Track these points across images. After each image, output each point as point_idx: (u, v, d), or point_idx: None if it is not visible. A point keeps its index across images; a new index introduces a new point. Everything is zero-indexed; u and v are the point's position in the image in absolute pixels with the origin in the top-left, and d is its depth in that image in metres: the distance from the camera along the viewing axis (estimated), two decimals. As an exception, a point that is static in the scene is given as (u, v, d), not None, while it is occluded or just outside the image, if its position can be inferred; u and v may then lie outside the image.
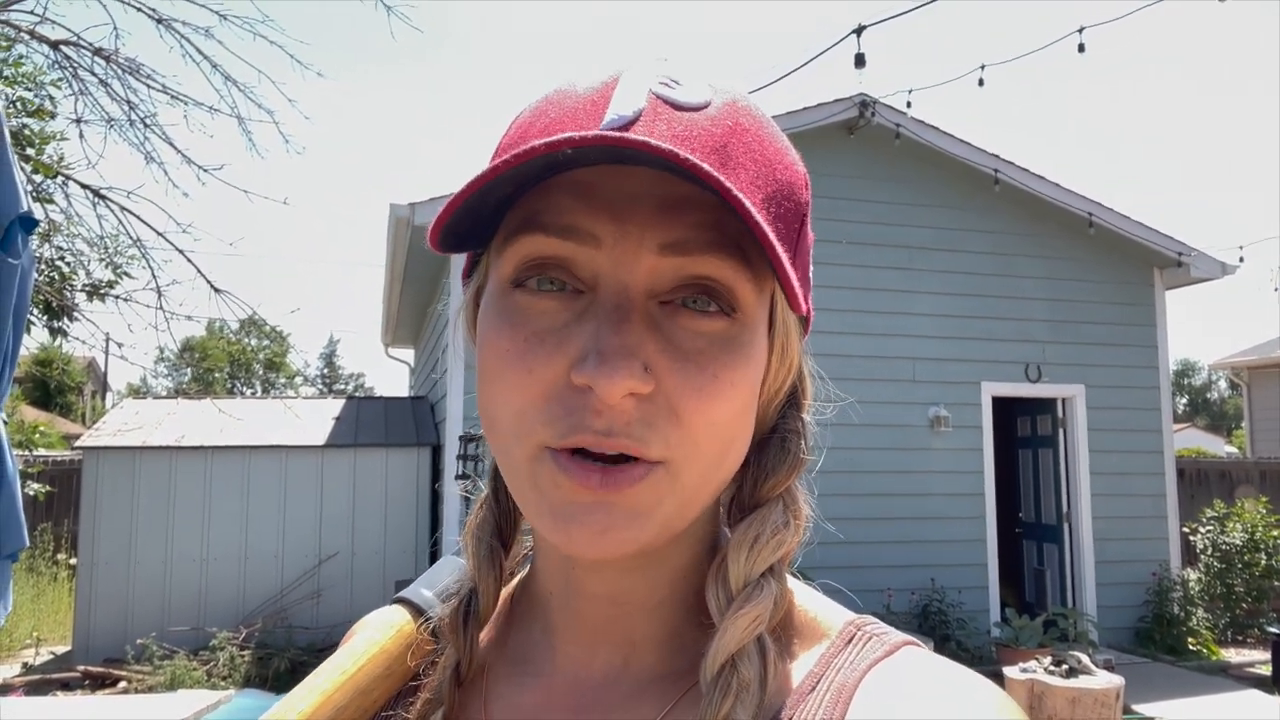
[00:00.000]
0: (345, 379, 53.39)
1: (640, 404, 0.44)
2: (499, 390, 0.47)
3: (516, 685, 0.56)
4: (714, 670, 0.46)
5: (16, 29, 5.31)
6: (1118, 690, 4.46)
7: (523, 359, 0.46)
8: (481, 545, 0.57)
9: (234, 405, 9.17)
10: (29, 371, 20.24)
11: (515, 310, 0.47)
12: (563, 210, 0.45)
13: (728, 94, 0.49)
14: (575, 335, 0.45)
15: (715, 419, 0.46)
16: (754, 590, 0.48)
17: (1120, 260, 8.55)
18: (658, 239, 0.45)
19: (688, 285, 0.46)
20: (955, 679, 0.46)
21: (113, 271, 6.37)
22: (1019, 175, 8.07)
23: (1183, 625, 8.00)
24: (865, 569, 7.41)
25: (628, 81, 0.47)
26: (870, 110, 7.70)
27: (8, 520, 3.22)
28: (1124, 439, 8.33)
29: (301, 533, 8.15)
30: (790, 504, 0.52)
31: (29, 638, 7.97)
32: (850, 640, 0.50)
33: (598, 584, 0.53)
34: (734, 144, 0.47)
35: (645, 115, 0.46)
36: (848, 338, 7.58)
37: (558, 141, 0.41)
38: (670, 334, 0.46)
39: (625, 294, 0.45)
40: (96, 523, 7.77)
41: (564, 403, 0.45)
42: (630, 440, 0.44)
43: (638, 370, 0.43)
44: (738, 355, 0.47)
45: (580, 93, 0.48)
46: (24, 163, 5.28)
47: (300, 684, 0.58)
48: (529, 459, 0.46)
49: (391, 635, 0.60)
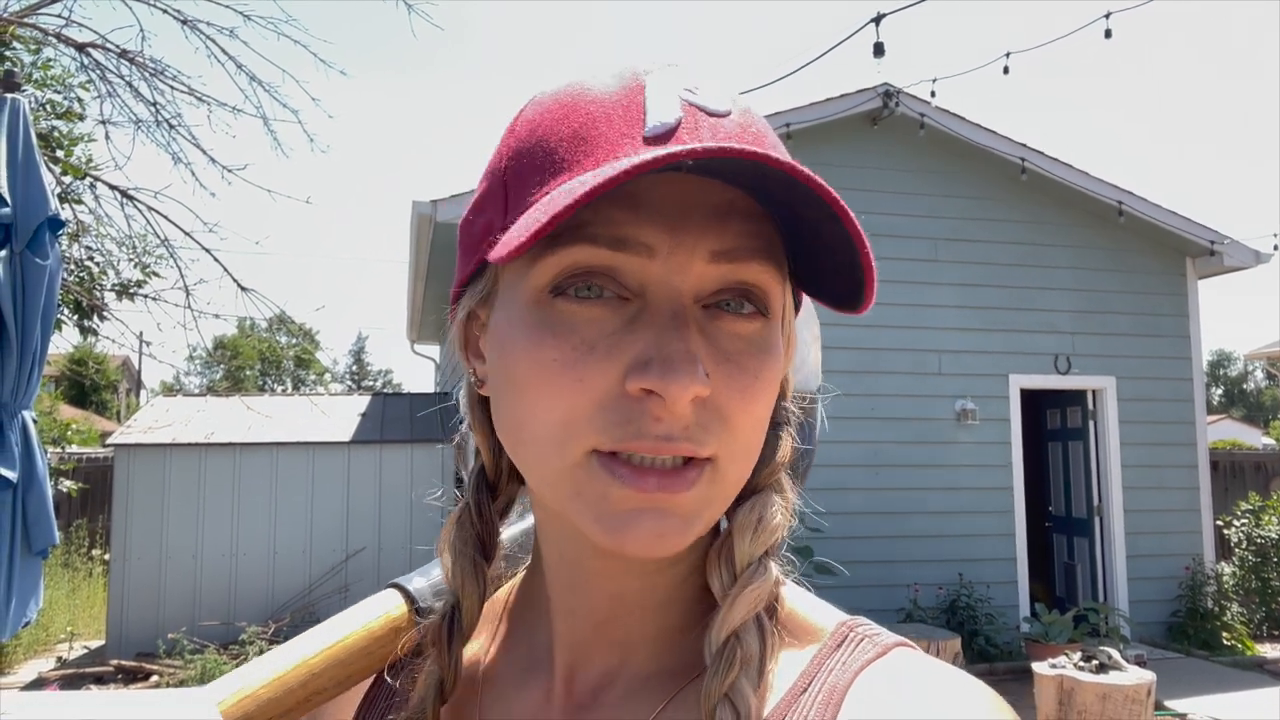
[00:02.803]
0: (373, 376, 53.85)
1: (696, 409, 0.45)
2: (540, 400, 0.46)
3: (513, 685, 0.56)
4: (719, 643, 0.47)
5: (44, 32, 5.38)
6: (1149, 686, 4.39)
7: (572, 368, 0.45)
8: (464, 559, 0.57)
9: (262, 402, 9.27)
10: (64, 370, 20.59)
11: (559, 318, 0.46)
12: (613, 222, 0.45)
13: (740, 102, 0.50)
14: (628, 343, 0.45)
15: (758, 416, 0.48)
16: (757, 570, 0.49)
17: (1151, 249, 8.42)
18: (710, 247, 0.46)
19: (730, 289, 0.47)
20: (947, 680, 0.46)
21: (141, 271, 6.46)
22: (1046, 164, 7.96)
23: (1217, 620, 7.88)
24: (891, 564, 7.37)
25: (656, 87, 0.47)
26: (894, 100, 7.62)
27: (38, 518, 3.28)
28: (1156, 431, 8.21)
29: (328, 528, 8.23)
30: (780, 493, 0.53)
31: (64, 632, 8.11)
32: (843, 641, 0.51)
33: (605, 583, 0.53)
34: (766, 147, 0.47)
35: (686, 123, 0.46)
36: (872, 330, 7.52)
37: (648, 162, 0.40)
38: (713, 337, 0.47)
39: (679, 301, 0.46)
40: (128, 519, 7.89)
41: (619, 410, 0.45)
42: (690, 443, 0.45)
43: (701, 375, 0.44)
44: (772, 355, 0.48)
45: (600, 95, 0.48)
46: (53, 164, 5.36)
47: (282, 645, 0.59)
48: (573, 466, 0.46)
49: (380, 618, 0.61)
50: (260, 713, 0.55)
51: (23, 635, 7.30)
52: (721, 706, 0.45)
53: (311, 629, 0.61)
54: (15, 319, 3.20)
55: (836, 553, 6.94)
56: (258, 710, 0.55)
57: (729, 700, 0.45)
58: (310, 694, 0.58)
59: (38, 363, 3.28)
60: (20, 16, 5.24)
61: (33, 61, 5.92)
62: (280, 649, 0.59)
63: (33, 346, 3.26)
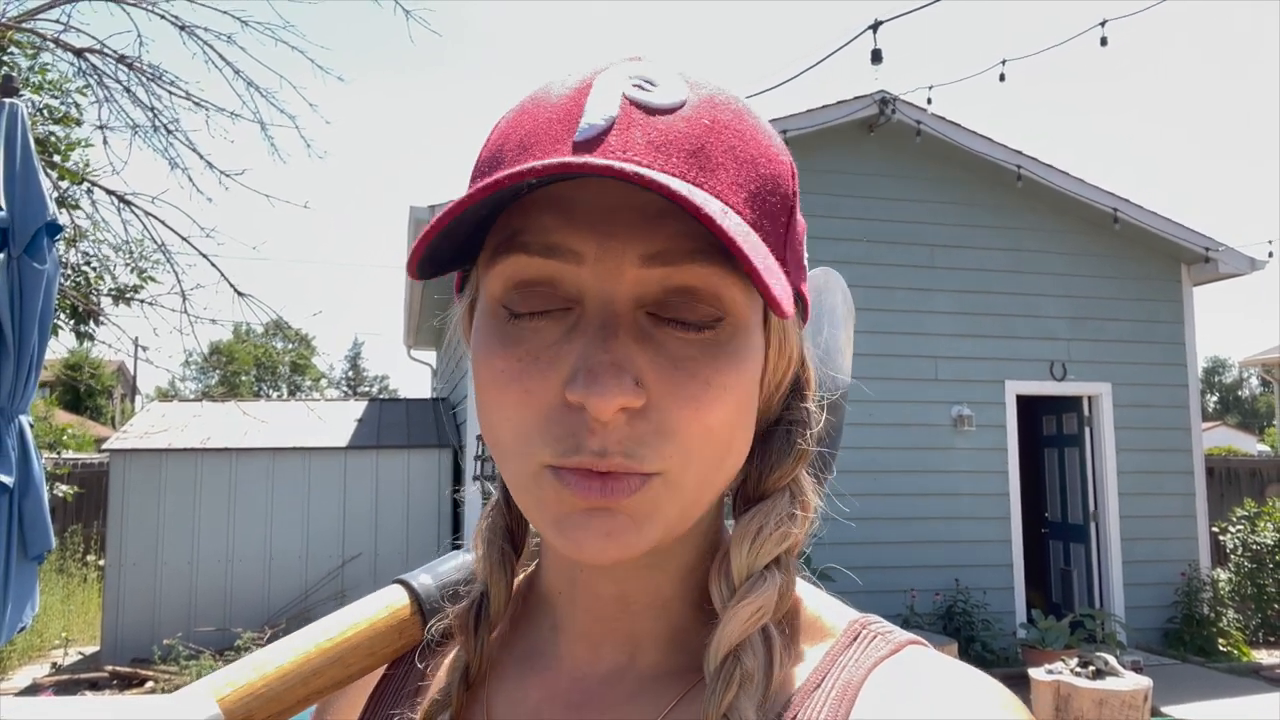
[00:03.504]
0: (370, 381, 53.77)
1: (633, 418, 0.44)
2: (498, 411, 0.47)
3: (520, 682, 0.56)
4: (716, 662, 0.46)
5: (42, 37, 5.38)
6: (1146, 692, 4.40)
7: (519, 380, 0.46)
8: (493, 549, 0.57)
9: (258, 408, 9.26)
10: (60, 376, 20.52)
11: (507, 331, 0.47)
12: (544, 229, 0.45)
13: (705, 89, 0.48)
14: (566, 353, 0.45)
15: (711, 425, 0.45)
16: (756, 582, 0.48)
17: (1146, 256, 8.44)
18: (639, 250, 0.44)
19: (674, 294, 0.45)
20: (960, 678, 0.46)
21: (138, 276, 6.45)
22: (1042, 171, 7.98)
23: (1213, 626, 7.89)
24: (888, 569, 7.37)
25: (601, 86, 0.47)
26: (890, 107, 7.65)
27: (34, 523, 3.27)
28: (1152, 437, 8.22)
29: (325, 534, 8.21)
30: (797, 494, 0.51)
31: (58, 638, 8.07)
32: (855, 639, 0.51)
33: (605, 583, 0.53)
34: (712, 144, 0.46)
35: (619, 123, 0.45)
36: (869, 337, 7.53)
37: (521, 172, 0.41)
38: (661, 344, 0.45)
39: (611, 308, 0.45)
40: (124, 524, 7.87)
41: (562, 423, 0.45)
42: (624, 459, 0.44)
43: (628, 385, 0.43)
44: (729, 360, 0.46)
45: (554, 101, 0.47)
46: (50, 169, 5.36)
47: (284, 639, 0.58)
48: (531, 475, 0.46)
49: (383, 614, 0.60)
50: (261, 709, 0.55)
51: (17, 641, 7.27)
52: None
53: (314, 623, 0.60)
54: (12, 323, 3.20)
55: (834, 558, 6.94)
56: (259, 706, 0.55)
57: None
58: (312, 690, 0.57)
59: (34, 367, 3.28)
60: (18, 21, 5.25)
61: (30, 66, 5.92)
62: (282, 643, 0.58)
63: (30, 351, 3.25)
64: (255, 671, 0.56)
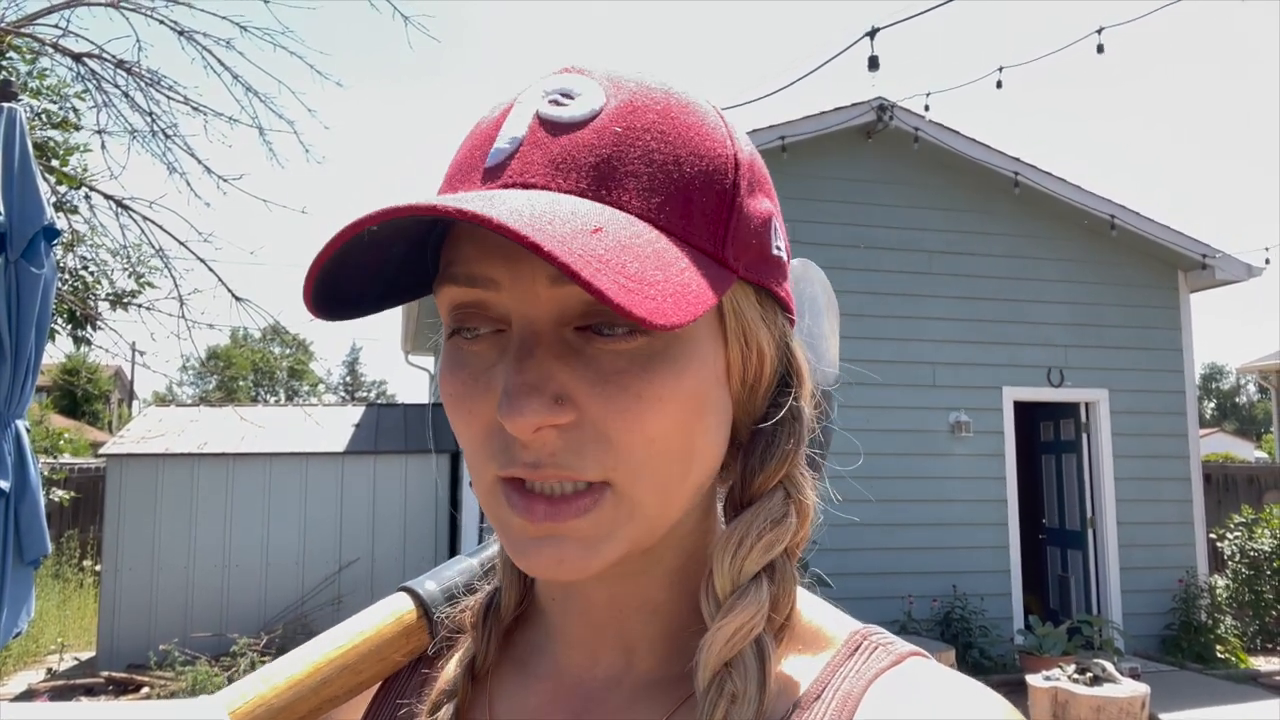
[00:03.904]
0: (367, 386, 53.73)
1: (564, 434, 0.45)
2: (456, 429, 0.49)
3: (520, 687, 0.56)
4: (705, 680, 0.46)
5: (41, 42, 5.39)
6: (1143, 699, 4.40)
7: (464, 401, 0.48)
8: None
9: (255, 413, 9.24)
10: (56, 380, 20.49)
11: (455, 355, 0.49)
12: (466, 259, 0.47)
13: (627, 93, 0.48)
14: (498, 375, 0.47)
15: (651, 436, 0.45)
16: (740, 597, 0.47)
17: (1143, 263, 8.46)
18: (547, 272, 0.45)
19: (595, 308, 0.45)
20: (962, 690, 0.46)
21: (135, 281, 6.45)
22: (1039, 178, 8.00)
23: (1210, 633, 7.88)
24: (886, 575, 7.36)
25: (519, 107, 0.48)
26: (888, 114, 7.66)
27: (30, 527, 3.26)
28: (1149, 444, 8.23)
29: (322, 539, 8.19)
30: (792, 493, 0.50)
31: (54, 643, 8.05)
32: (856, 649, 0.50)
33: (596, 588, 0.53)
34: (621, 153, 0.46)
35: (524, 145, 0.46)
36: (866, 342, 7.54)
37: (359, 222, 0.41)
38: (590, 359, 0.45)
39: (531, 328, 0.46)
40: (120, 529, 7.85)
41: (500, 438, 0.46)
42: (559, 469, 0.45)
43: (544, 405, 0.44)
44: (662, 369, 0.45)
45: (485, 126, 0.49)
46: (48, 174, 5.35)
47: (293, 650, 0.59)
48: (488, 490, 0.48)
49: (390, 621, 0.61)
50: (274, 719, 0.56)
51: (12, 646, 7.25)
52: None
53: (323, 634, 0.61)
54: (9, 327, 3.20)
55: (830, 565, 6.93)
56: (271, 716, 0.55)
57: None
58: (323, 700, 0.58)
59: (31, 372, 3.28)
60: (17, 26, 5.25)
61: (29, 71, 5.92)
62: (292, 654, 0.59)
63: (27, 355, 3.25)
64: (265, 683, 0.57)
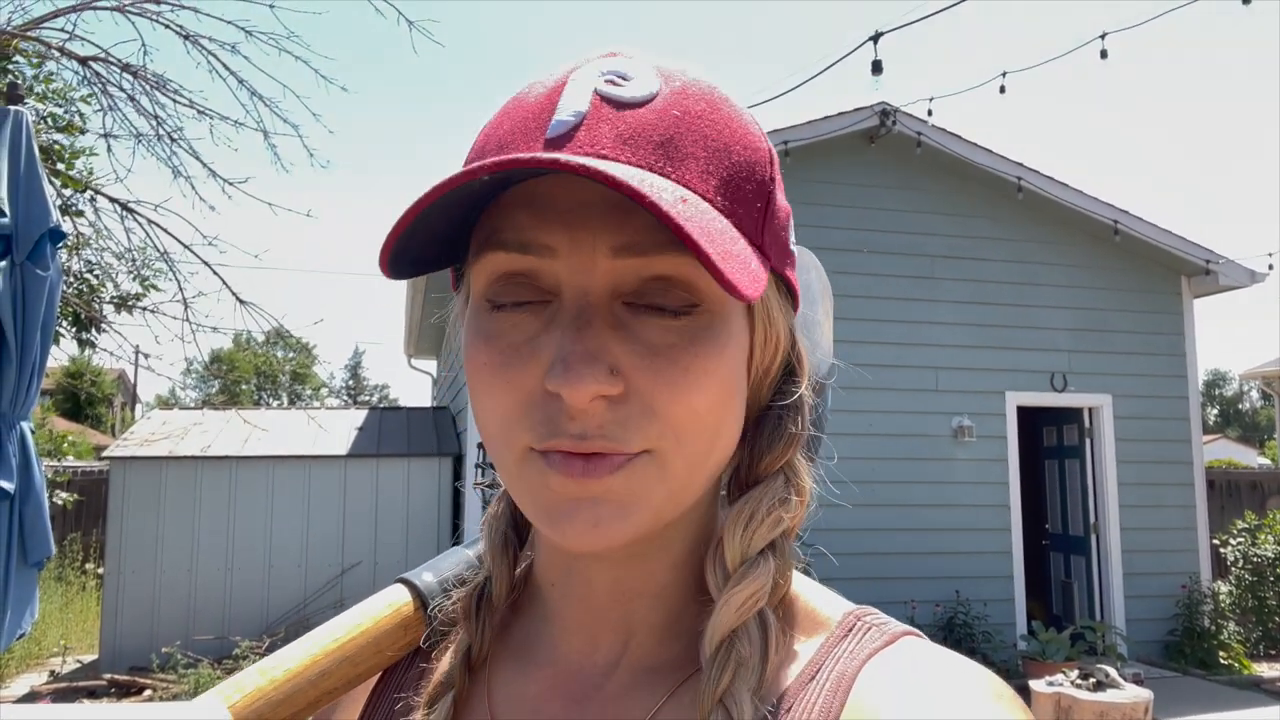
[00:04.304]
0: (370, 390, 53.78)
1: (613, 405, 0.45)
2: (484, 401, 0.48)
3: (519, 674, 0.57)
4: (713, 647, 0.47)
5: (47, 45, 5.40)
6: (1146, 704, 4.39)
7: (501, 371, 0.47)
8: (496, 534, 0.59)
9: (258, 416, 9.26)
10: (60, 384, 20.52)
11: (490, 325, 0.48)
12: (519, 226, 0.46)
13: (678, 81, 0.49)
14: (545, 344, 0.46)
15: (695, 408, 0.46)
16: (750, 568, 0.48)
17: (1147, 268, 8.46)
18: (610, 243, 0.46)
19: (650, 283, 0.46)
20: (954, 668, 0.47)
21: (140, 284, 6.46)
22: (1042, 183, 8.01)
23: (1214, 639, 7.86)
24: (888, 580, 7.35)
25: (574, 84, 0.48)
26: (891, 119, 7.67)
27: (34, 529, 3.27)
28: (1152, 449, 8.22)
29: (324, 542, 8.20)
30: (791, 478, 0.52)
31: (57, 646, 8.06)
32: (850, 630, 0.51)
33: (599, 572, 0.53)
34: (682, 135, 0.47)
35: (588, 119, 0.46)
36: (868, 346, 7.54)
37: (472, 170, 0.42)
38: (639, 332, 0.46)
39: (586, 299, 0.46)
40: (123, 532, 7.86)
41: (542, 409, 0.46)
42: (605, 441, 0.45)
43: (602, 374, 0.44)
44: (708, 346, 0.47)
45: (531, 100, 0.49)
46: (54, 177, 5.37)
47: (291, 644, 0.59)
48: (517, 461, 0.48)
49: (388, 613, 0.61)
50: (273, 712, 0.55)
51: (16, 648, 7.26)
52: (716, 712, 0.45)
53: (320, 626, 0.60)
54: (15, 330, 3.21)
55: (833, 569, 6.92)
56: (270, 710, 0.55)
57: (724, 706, 0.45)
58: (321, 693, 0.57)
59: (36, 374, 3.29)
60: (23, 30, 5.27)
61: (35, 75, 5.94)
62: (290, 648, 0.58)
63: (32, 357, 3.26)
64: (264, 676, 0.56)
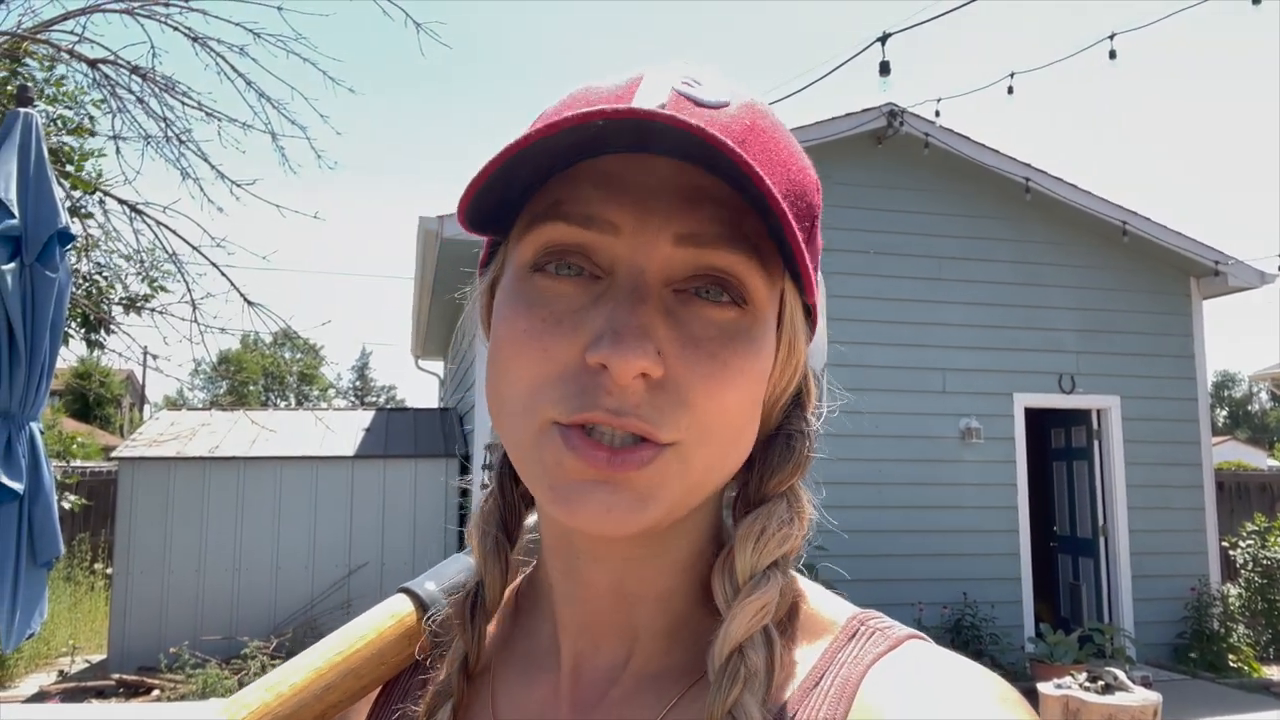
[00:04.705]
0: (377, 391, 53.88)
1: (650, 388, 0.45)
2: (512, 368, 0.48)
3: (523, 680, 0.56)
4: (722, 658, 0.47)
5: (57, 48, 5.43)
6: (1155, 707, 4.37)
7: (539, 339, 0.47)
8: (487, 538, 0.58)
9: (266, 417, 9.28)
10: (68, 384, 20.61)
11: (534, 293, 0.48)
12: (586, 200, 0.47)
13: (745, 97, 0.50)
14: (591, 318, 0.46)
15: (726, 405, 0.47)
16: (760, 581, 0.48)
17: (1155, 269, 8.43)
18: (675, 229, 0.46)
19: (701, 276, 0.47)
20: (959, 672, 0.46)
21: (149, 285, 6.48)
22: (1050, 184, 7.99)
23: (1223, 642, 7.83)
24: (895, 582, 7.34)
25: (651, 79, 0.49)
26: (898, 119, 7.66)
27: (44, 529, 3.29)
28: (1161, 451, 8.19)
29: (332, 543, 8.22)
30: (794, 502, 0.52)
31: (65, 646, 8.09)
32: (854, 635, 0.51)
33: (601, 574, 0.53)
34: (752, 142, 0.48)
35: (669, 108, 0.47)
36: (875, 348, 7.53)
37: (591, 113, 0.41)
38: (683, 321, 0.47)
39: (642, 278, 0.46)
40: (132, 532, 7.89)
41: (578, 381, 0.46)
42: (641, 420, 0.45)
43: (650, 351, 0.44)
44: (748, 345, 0.48)
45: (604, 90, 0.50)
46: (63, 179, 5.40)
47: (294, 657, 0.59)
48: (536, 433, 0.47)
49: (391, 623, 0.61)
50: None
51: (24, 648, 7.29)
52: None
53: (324, 639, 0.60)
54: (25, 331, 3.22)
55: (840, 570, 6.91)
56: None
57: (733, 717, 0.45)
58: (326, 706, 0.57)
59: (46, 375, 3.31)
60: (33, 33, 5.30)
61: (45, 77, 5.97)
62: (293, 661, 0.58)
63: (41, 358, 3.28)
64: (269, 692, 0.56)
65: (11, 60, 5.60)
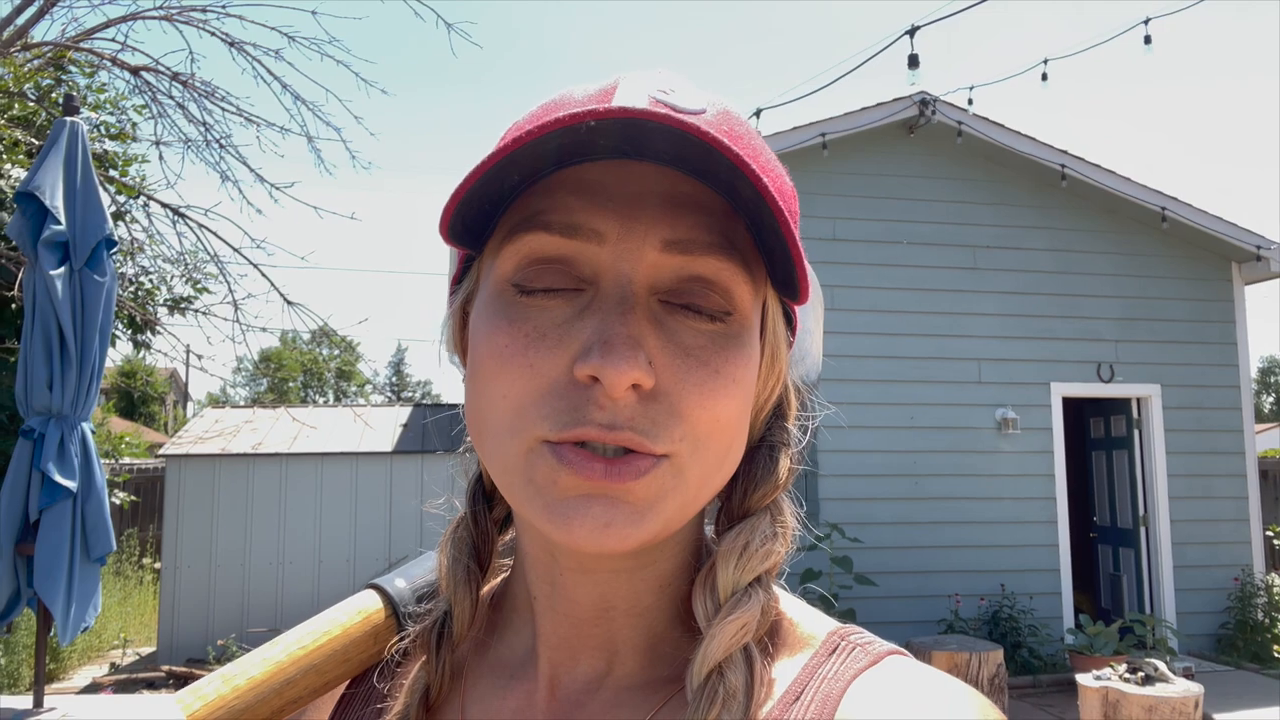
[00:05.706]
0: (413, 386, 54.34)
1: (642, 399, 0.44)
2: (496, 386, 0.46)
3: (496, 688, 0.55)
4: (701, 677, 0.45)
5: (99, 56, 5.57)
6: (1197, 699, 4.32)
7: (523, 354, 0.45)
8: (458, 566, 0.56)
9: (307, 413, 9.44)
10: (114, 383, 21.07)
11: (515, 308, 0.46)
12: (568, 209, 0.45)
13: (721, 104, 0.49)
14: (578, 330, 0.45)
15: (719, 415, 0.46)
16: (741, 599, 0.47)
17: (1195, 255, 8.29)
18: (661, 236, 0.45)
19: (688, 283, 0.46)
20: (940, 688, 0.46)
21: (192, 287, 6.63)
22: (1087, 170, 7.87)
23: (1267, 632, 7.70)
24: (931, 574, 7.31)
25: (627, 86, 0.48)
26: (930, 108, 7.60)
27: (96, 526, 3.39)
28: (1203, 440, 8.06)
29: (372, 537, 8.36)
30: (777, 515, 0.51)
31: (116, 639, 8.30)
32: (835, 650, 0.50)
33: (585, 589, 0.52)
34: (738, 144, 0.47)
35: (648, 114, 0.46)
36: (910, 339, 7.49)
37: (581, 113, 0.40)
38: (671, 331, 0.46)
39: (629, 287, 0.45)
40: (179, 528, 8.08)
41: (566, 397, 0.44)
42: (634, 433, 0.44)
43: (643, 361, 0.43)
44: (738, 353, 0.47)
45: (576, 95, 0.49)
46: (107, 184, 5.53)
47: (255, 650, 0.57)
48: (524, 453, 0.45)
49: (357, 620, 0.59)
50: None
51: (77, 642, 7.50)
52: None
53: (287, 632, 0.58)
54: (75, 334, 3.32)
55: (876, 563, 6.90)
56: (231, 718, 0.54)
57: None
58: (287, 700, 0.56)
59: (95, 376, 3.41)
60: (76, 41, 5.43)
61: (88, 85, 6.12)
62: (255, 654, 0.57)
63: (91, 360, 3.38)
64: (226, 684, 0.55)
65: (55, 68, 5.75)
